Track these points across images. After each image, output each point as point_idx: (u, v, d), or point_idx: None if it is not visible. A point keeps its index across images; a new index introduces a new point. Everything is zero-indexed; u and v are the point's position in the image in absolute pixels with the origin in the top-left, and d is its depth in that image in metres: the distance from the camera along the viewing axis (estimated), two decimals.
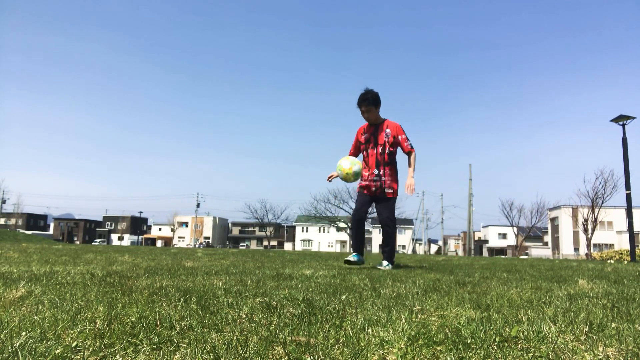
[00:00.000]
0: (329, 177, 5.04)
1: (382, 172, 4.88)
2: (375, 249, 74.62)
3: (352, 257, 4.80)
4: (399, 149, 5.02)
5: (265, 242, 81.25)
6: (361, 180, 4.97)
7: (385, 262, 4.88)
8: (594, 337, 1.37)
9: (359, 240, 4.98)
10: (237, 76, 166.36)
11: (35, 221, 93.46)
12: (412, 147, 4.94)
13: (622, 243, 49.90)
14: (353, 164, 4.73)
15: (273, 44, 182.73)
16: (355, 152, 5.11)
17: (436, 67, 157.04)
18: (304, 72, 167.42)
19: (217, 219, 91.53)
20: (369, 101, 4.81)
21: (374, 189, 4.90)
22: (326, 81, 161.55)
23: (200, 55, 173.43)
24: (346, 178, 4.73)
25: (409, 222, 79.46)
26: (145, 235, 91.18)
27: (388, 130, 4.91)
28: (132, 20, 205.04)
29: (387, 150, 4.90)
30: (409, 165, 4.96)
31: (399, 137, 4.94)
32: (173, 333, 1.33)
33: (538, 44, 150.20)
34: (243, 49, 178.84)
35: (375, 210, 4.99)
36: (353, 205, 58.78)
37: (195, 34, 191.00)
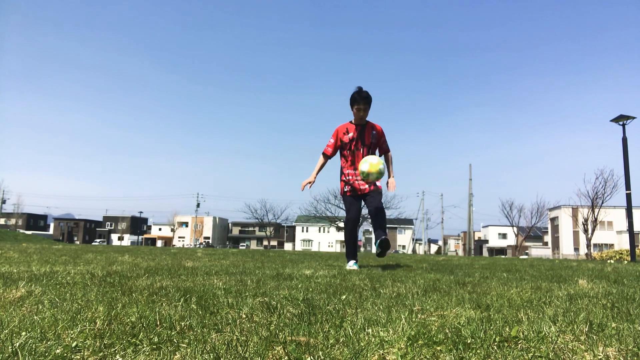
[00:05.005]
0: (306, 185, 4.95)
1: None
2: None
3: (355, 266, 4.71)
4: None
5: (265, 242, 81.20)
6: (346, 182, 4.91)
7: (382, 236, 4.65)
8: (594, 337, 1.37)
9: (355, 246, 4.97)
10: (237, 77, 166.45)
11: (35, 221, 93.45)
12: (389, 149, 5.09)
13: (622, 243, 49.89)
14: (372, 166, 4.57)
15: (274, 46, 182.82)
16: (333, 153, 5.02)
17: (437, 68, 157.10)
18: (304, 73, 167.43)
19: (217, 219, 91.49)
20: (368, 100, 4.83)
21: (364, 186, 4.83)
22: (327, 82, 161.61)
23: (200, 56, 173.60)
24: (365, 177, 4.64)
25: (409, 222, 79.39)
26: (145, 235, 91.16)
27: (374, 132, 4.93)
28: (133, 22, 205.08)
29: (373, 152, 4.96)
30: (389, 165, 5.05)
31: (381, 139, 5.02)
32: (173, 333, 1.33)
33: (538, 45, 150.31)
34: (244, 51, 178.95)
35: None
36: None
37: (195, 36, 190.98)
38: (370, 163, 4.59)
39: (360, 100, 4.79)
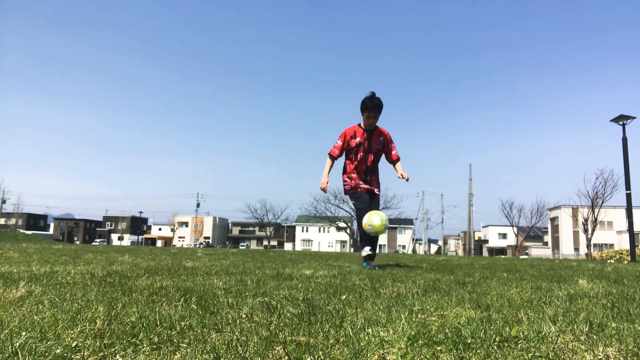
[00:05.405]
0: (325, 186, 4.91)
1: (369, 178, 4.96)
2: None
3: (367, 264, 4.69)
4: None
5: (265, 242, 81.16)
6: (350, 182, 4.95)
7: (373, 263, 4.83)
8: (594, 337, 1.37)
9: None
10: (237, 77, 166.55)
11: (35, 221, 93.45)
12: (399, 156, 5.10)
13: (622, 243, 49.88)
14: (383, 220, 4.55)
15: (274, 46, 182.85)
16: (339, 154, 5.02)
17: (438, 68, 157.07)
18: (304, 74, 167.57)
19: (217, 219, 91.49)
20: (380, 108, 4.81)
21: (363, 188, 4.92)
22: (327, 83, 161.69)
23: (200, 56, 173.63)
24: (376, 232, 4.61)
25: (409, 222, 79.39)
26: (145, 235, 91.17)
27: (381, 139, 4.94)
28: (133, 22, 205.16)
29: (378, 158, 4.99)
30: (398, 164, 5.08)
31: (389, 145, 5.03)
32: (173, 333, 1.33)
33: (538, 45, 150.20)
34: (244, 50, 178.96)
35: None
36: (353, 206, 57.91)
37: (196, 36, 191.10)
38: (380, 218, 4.53)
39: (372, 108, 4.77)
